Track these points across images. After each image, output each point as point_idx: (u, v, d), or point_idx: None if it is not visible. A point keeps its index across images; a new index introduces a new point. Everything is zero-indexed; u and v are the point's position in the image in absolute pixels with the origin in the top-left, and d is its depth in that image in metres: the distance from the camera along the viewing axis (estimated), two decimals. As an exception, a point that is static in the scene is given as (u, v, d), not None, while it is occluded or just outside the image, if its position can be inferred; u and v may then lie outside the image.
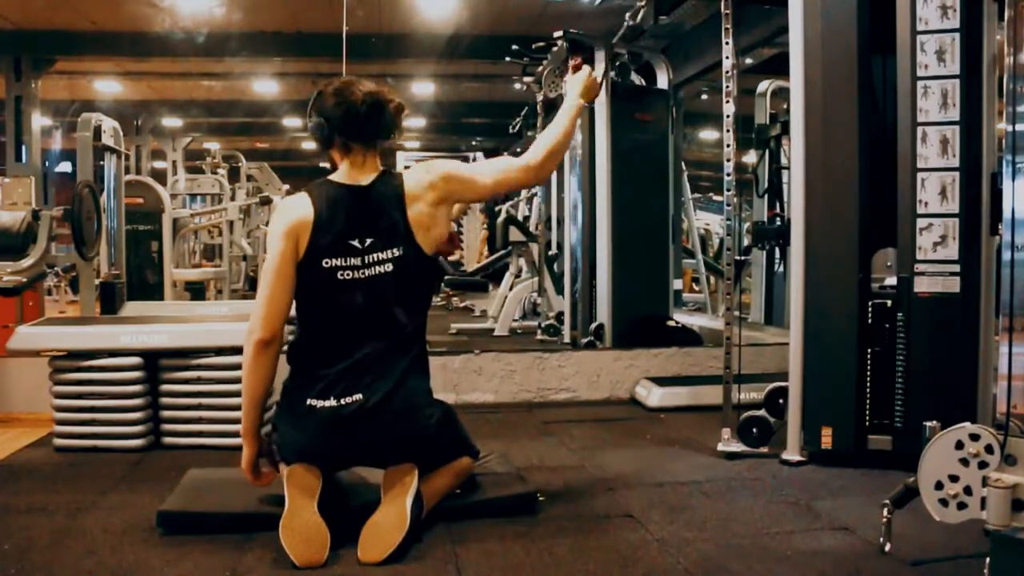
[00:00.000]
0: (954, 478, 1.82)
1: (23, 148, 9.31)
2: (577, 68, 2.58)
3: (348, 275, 2.20)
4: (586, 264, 4.87)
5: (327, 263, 2.20)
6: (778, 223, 3.42)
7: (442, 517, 2.29)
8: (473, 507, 2.40)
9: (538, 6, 7.79)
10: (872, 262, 2.87)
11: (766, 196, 4.78)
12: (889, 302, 2.83)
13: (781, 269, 4.60)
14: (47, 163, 11.59)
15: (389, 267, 2.22)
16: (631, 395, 4.22)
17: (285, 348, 2.29)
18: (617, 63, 4.94)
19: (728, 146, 3.08)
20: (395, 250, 2.22)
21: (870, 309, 2.85)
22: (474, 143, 14.60)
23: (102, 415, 3.07)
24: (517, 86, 7.74)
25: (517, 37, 5.66)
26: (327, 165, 2.40)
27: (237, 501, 2.34)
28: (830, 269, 2.91)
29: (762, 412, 3.07)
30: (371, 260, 2.21)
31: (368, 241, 2.21)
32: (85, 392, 3.08)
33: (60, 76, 10.24)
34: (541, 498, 2.48)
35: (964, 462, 1.81)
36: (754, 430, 3.06)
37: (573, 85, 2.55)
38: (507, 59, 5.56)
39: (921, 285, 2.78)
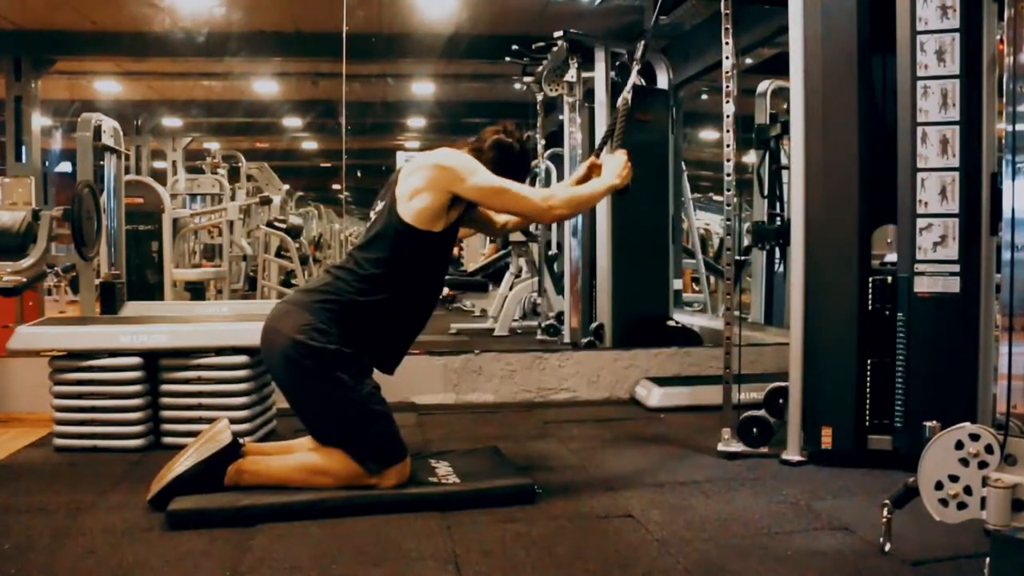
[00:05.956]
0: (954, 478, 1.82)
1: (23, 148, 9.29)
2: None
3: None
4: (586, 264, 4.87)
5: None
6: (778, 223, 3.42)
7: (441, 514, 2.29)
8: (470, 497, 2.41)
9: (538, 6, 7.78)
10: (872, 238, 2.88)
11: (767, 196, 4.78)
12: (890, 278, 2.84)
13: (781, 269, 4.61)
14: (47, 163, 11.56)
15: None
16: (631, 395, 4.22)
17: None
18: (617, 63, 4.93)
19: (728, 146, 3.08)
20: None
21: (870, 292, 2.86)
22: (475, 143, 14.54)
23: (102, 415, 3.07)
24: (517, 86, 7.73)
25: (517, 37, 5.63)
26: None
27: (240, 497, 2.35)
28: (830, 269, 2.91)
29: (762, 412, 3.07)
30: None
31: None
32: (85, 392, 3.08)
33: (60, 76, 10.21)
34: (539, 490, 2.49)
35: (964, 462, 1.81)
36: (754, 430, 3.06)
37: (611, 167, 2.74)
38: (507, 59, 5.55)
39: (921, 285, 2.78)
